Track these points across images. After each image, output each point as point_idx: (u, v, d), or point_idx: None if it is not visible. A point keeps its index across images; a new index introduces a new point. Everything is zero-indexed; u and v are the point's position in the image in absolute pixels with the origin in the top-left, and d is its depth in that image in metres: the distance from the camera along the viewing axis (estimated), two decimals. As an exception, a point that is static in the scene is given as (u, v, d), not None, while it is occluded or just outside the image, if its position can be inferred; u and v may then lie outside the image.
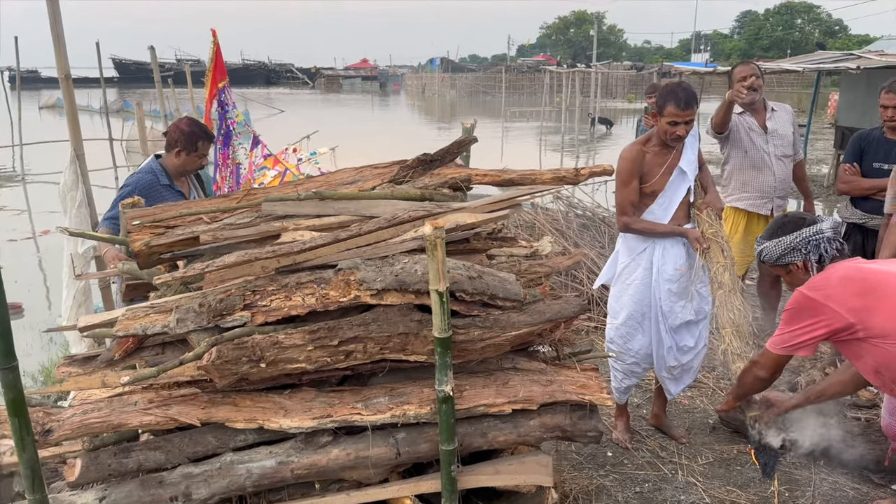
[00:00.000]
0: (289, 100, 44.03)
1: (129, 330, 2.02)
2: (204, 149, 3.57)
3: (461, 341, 2.15)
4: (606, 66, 45.56)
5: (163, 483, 2.05)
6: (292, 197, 2.48)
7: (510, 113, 29.44)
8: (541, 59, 60.83)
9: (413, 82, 64.26)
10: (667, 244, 3.29)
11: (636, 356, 3.45)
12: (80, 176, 3.72)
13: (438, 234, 1.97)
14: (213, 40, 5.00)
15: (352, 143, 13.18)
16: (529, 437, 2.29)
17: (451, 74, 56.72)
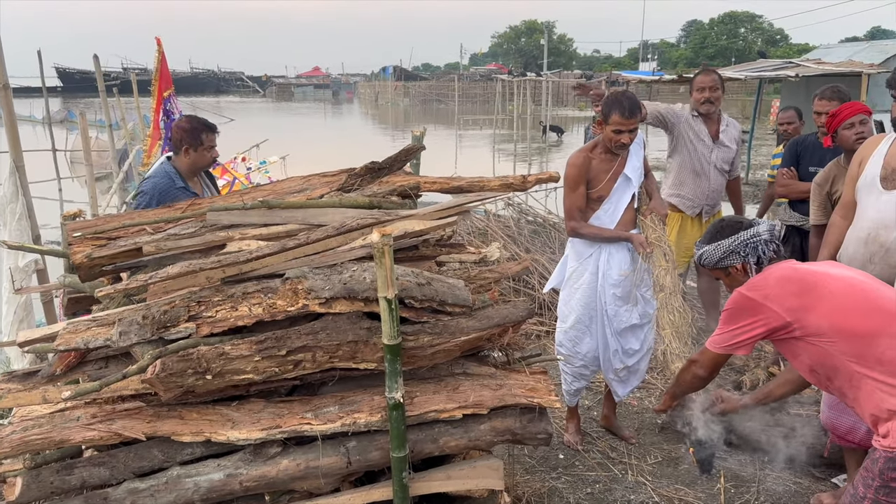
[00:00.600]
0: (239, 108, 43.46)
1: (70, 344, 1.98)
2: (210, 140, 3.53)
3: (411, 348, 2.16)
4: (557, 74, 46.27)
5: (108, 499, 2.00)
6: (238, 206, 2.46)
7: (463, 121, 29.63)
8: (493, 67, 61.44)
9: (366, 90, 64.15)
10: (612, 249, 3.37)
11: (584, 359, 3.51)
12: (19, 188, 3.61)
13: (386, 242, 1.99)
14: (157, 49, 4.93)
15: (303, 152, 13.10)
16: (480, 441, 2.31)
17: (405, 83, 56.83)
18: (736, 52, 66.00)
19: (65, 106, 31.32)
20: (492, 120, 26.69)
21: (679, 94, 35.57)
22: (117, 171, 8.08)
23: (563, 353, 3.52)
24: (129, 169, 8.88)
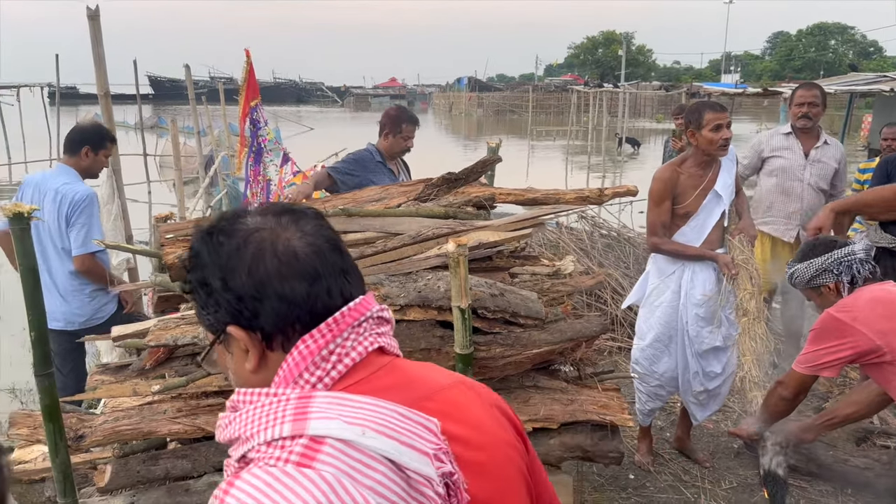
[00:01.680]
0: (318, 118, 44.66)
1: (160, 340, 2.08)
2: (408, 131, 3.92)
3: (482, 358, 2.17)
4: (635, 85, 45.48)
5: (189, 491, 2.09)
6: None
7: (536, 132, 29.51)
8: (568, 78, 60.93)
9: (440, 101, 64.77)
10: (696, 268, 3.27)
11: (661, 379, 3.42)
12: (115, 190, 3.83)
13: (461, 252, 2.01)
14: (246, 60, 5.14)
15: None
16: (550, 456, 2.30)
17: (479, 93, 57.07)
18: (825, 64, 63.31)
19: (155, 112, 32.93)
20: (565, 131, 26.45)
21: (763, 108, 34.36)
22: (203, 176, 8.44)
23: (639, 371, 3.44)
24: (214, 174, 9.27)
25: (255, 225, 0.91)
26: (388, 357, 0.96)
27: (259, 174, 5.33)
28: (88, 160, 3.55)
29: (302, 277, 0.88)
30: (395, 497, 0.79)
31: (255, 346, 0.90)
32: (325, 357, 0.88)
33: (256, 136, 5.26)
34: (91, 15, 3.92)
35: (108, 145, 3.61)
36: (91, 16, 3.92)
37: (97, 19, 3.91)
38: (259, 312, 0.88)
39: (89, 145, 3.54)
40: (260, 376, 0.91)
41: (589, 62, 79.29)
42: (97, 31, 3.90)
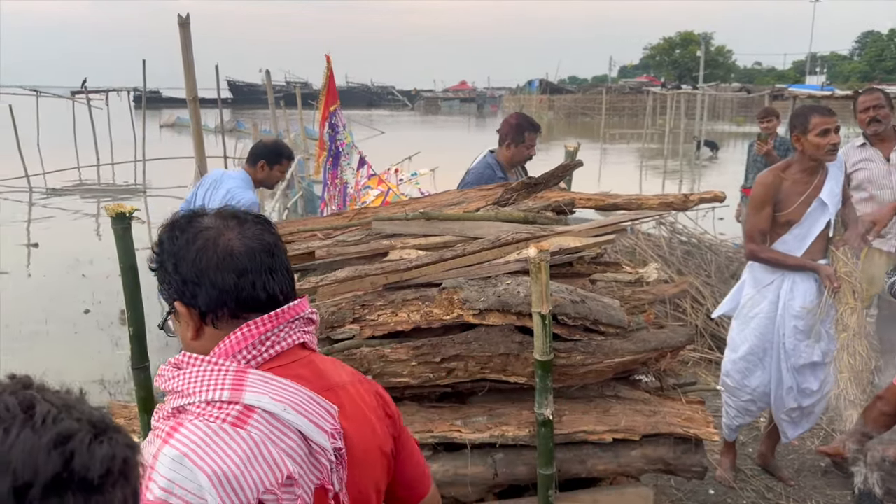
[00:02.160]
0: (389, 121, 45.27)
1: (247, 338, 2.15)
2: (531, 139, 3.87)
3: (562, 365, 2.14)
4: (714, 87, 44.14)
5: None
6: (400, 216, 2.57)
7: (609, 135, 29.02)
8: (644, 80, 59.69)
9: (510, 104, 64.54)
10: (797, 278, 3.12)
11: (753, 393, 3.28)
12: (202, 191, 3.98)
13: (543, 257, 1.99)
14: (326, 65, 5.26)
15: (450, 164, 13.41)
16: (630, 467, 2.25)
17: (550, 96, 56.57)
18: (920, 64, 59.77)
19: (234, 116, 34.07)
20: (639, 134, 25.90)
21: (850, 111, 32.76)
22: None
23: (729, 385, 3.32)
24: (290, 177, 9.52)
25: (206, 225, 1.12)
26: (307, 351, 1.17)
27: (336, 177, 5.44)
28: (263, 173, 3.90)
29: (232, 271, 1.09)
30: (301, 461, 1.04)
31: (193, 319, 1.11)
32: (262, 342, 1.10)
33: (335, 139, 5.37)
34: (181, 22, 4.09)
35: (284, 162, 3.95)
36: (181, 23, 4.09)
37: (187, 27, 4.07)
38: (197, 294, 1.09)
39: (265, 160, 3.88)
40: (198, 343, 1.12)
41: (665, 63, 77.40)
42: (187, 38, 4.06)
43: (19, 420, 0.56)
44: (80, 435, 0.58)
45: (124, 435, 0.62)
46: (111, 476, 0.58)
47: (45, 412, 0.58)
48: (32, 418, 0.57)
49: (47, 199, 15.24)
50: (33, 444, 0.55)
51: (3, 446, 0.53)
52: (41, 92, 22.30)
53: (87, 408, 0.62)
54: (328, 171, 5.37)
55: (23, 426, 0.55)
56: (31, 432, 0.55)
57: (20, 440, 0.54)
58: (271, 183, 4.07)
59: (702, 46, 65.44)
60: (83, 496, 0.56)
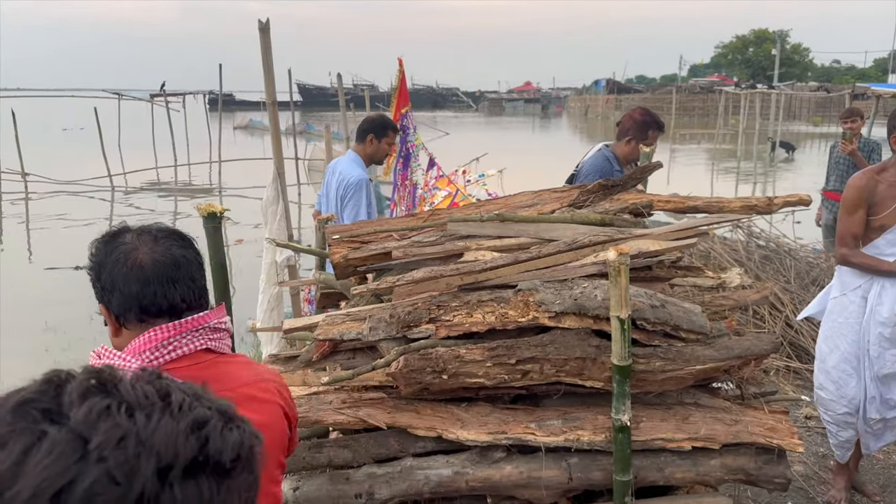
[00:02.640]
0: (453, 122, 45.41)
1: (328, 335, 2.21)
2: (654, 138, 3.81)
3: (641, 371, 2.11)
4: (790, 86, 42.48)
5: (349, 480, 2.19)
6: (475, 218, 2.58)
7: (679, 135, 28.31)
8: (715, 79, 57.98)
9: (576, 104, 63.80)
10: (886, 283, 2.99)
11: (850, 405, 3.11)
12: (279, 192, 4.10)
13: (623, 260, 1.97)
14: (399, 68, 5.32)
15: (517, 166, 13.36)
16: (709, 477, 2.19)
17: (617, 96, 55.63)
18: None
19: (303, 119, 34.85)
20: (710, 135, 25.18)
21: (940, 109, 30.97)
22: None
23: (823, 397, 3.17)
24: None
25: (124, 241, 1.32)
26: (212, 355, 1.33)
27: (406, 178, 5.51)
28: (372, 147, 4.09)
29: (137, 281, 1.28)
30: None
31: (111, 320, 1.33)
32: (164, 346, 1.27)
33: (405, 141, 5.43)
34: (262, 28, 4.21)
35: (390, 134, 4.13)
36: (262, 28, 4.21)
37: (267, 32, 4.19)
38: (111, 299, 1.31)
39: (373, 134, 4.07)
40: (117, 340, 1.33)
41: (738, 62, 74.90)
42: (267, 43, 4.18)
43: (159, 407, 0.59)
44: (213, 421, 0.61)
45: (249, 424, 0.65)
46: (240, 461, 0.61)
47: (180, 400, 0.61)
48: (170, 405, 0.60)
49: (128, 198, 15.96)
50: (173, 428, 0.58)
51: (147, 430, 0.57)
52: (123, 95, 23.37)
53: (213, 397, 0.66)
54: (398, 172, 5.44)
55: (162, 412, 0.59)
56: (170, 418, 0.59)
57: (161, 425, 0.58)
58: (380, 157, 4.21)
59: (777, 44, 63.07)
60: (216, 479, 0.59)
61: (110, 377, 0.60)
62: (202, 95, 28.48)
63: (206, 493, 0.57)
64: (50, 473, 0.53)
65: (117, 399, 0.58)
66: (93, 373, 0.60)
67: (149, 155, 19.32)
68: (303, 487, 2.22)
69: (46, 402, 0.57)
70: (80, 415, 0.56)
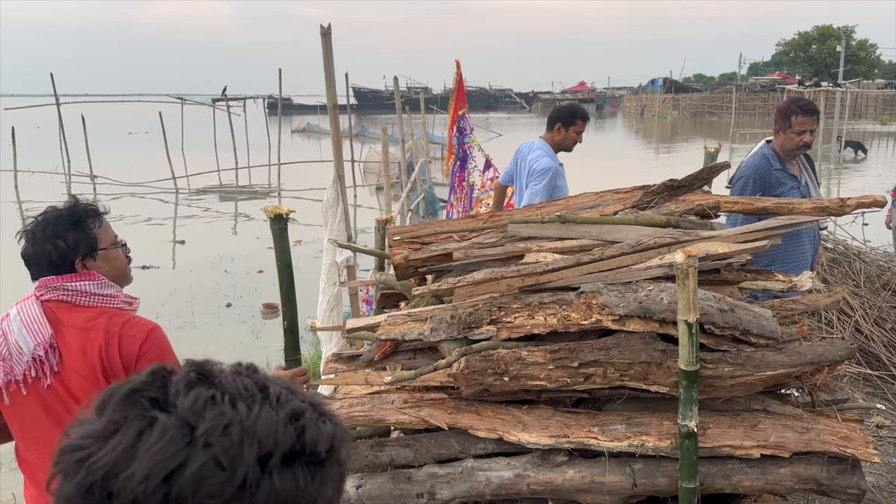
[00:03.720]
0: (506, 123, 45.27)
1: (390, 334, 2.23)
2: (799, 123, 3.56)
3: (708, 376, 2.06)
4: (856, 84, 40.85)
5: (411, 479, 2.21)
6: (536, 220, 2.57)
7: (739, 135, 27.56)
8: (776, 77, 56.20)
9: (631, 104, 62.77)
10: None
11: None
12: (339, 194, 4.16)
13: (691, 263, 1.92)
14: (456, 70, 5.34)
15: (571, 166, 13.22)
16: (779, 486, 2.13)
17: (674, 94, 54.49)
18: None
19: (359, 122, 35.28)
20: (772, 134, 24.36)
21: None
22: (405, 182, 8.91)
23: None
24: (413, 179, 9.76)
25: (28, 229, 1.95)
26: (61, 304, 1.95)
27: (464, 180, 5.52)
28: (560, 135, 4.24)
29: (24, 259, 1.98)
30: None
31: None
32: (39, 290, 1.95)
33: (462, 143, 5.45)
34: (323, 33, 4.29)
35: (578, 122, 4.23)
36: (323, 34, 4.28)
37: (329, 37, 4.27)
38: None
39: (561, 122, 4.21)
40: None
41: (800, 60, 72.37)
42: (328, 49, 4.25)
43: (259, 398, 0.62)
44: (309, 413, 0.63)
45: (340, 418, 0.67)
46: (333, 453, 0.63)
47: (277, 392, 0.64)
48: (269, 397, 0.63)
49: (191, 200, 16.46)
50: (273, 418, 0.60)
51: (249, 419, 0.59)
52: (186, 100, 24.13)
53: (304, 391, 0.68)
54: (455, 174, 5.46)
55: (262, 403, 0.61)
56: (269, 408, 0.61)
57: (262, 415, 0.60)
58: (568, 144, 4.28)
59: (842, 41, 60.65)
60: (310, 468, 0.61)
61: (210, 370, 0.63)
62: (262, 100, 29.17)
63: (301, 481, 0.59)
64: (162, 457, 0.55)
65: (220, 390, 0.61)
66: (195, 366, 0.63)
67: (210, 158, 19.89)
68: (365, 485, 2.24)
69: (154, 392, 0.60)
70: (188, 403, 0.59)
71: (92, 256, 1.97)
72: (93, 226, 1.97)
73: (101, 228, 2.00)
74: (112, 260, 2.02)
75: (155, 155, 19.10)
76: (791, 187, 3.57)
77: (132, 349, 1.93)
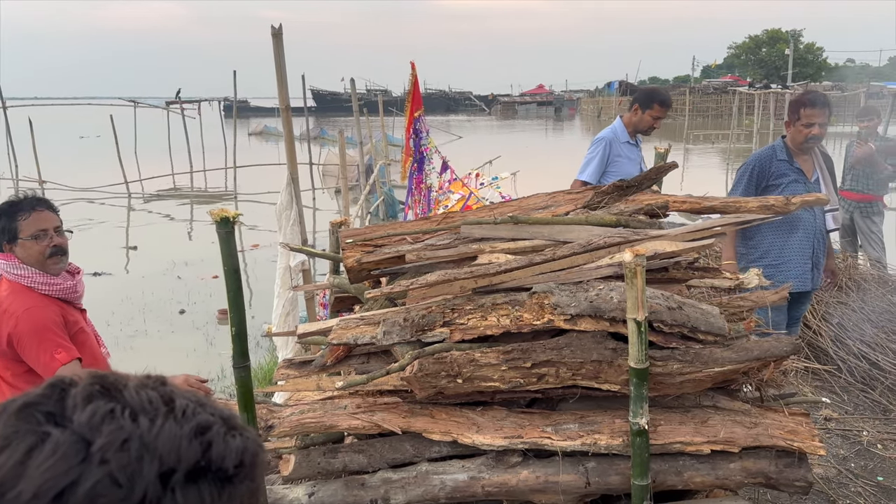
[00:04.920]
0: (466, 126, 45.42)
1: (342, 339, 2.20)
2: (808, 116, 3.53)
3: (658, 374, 2.08)
4: (804, 86, 42.08)
5: (364, 485, 2.18)
6: (489, 221, 2.57)
7: (692, 136, 28.15)
8: (728, 79, 57.56)
9: (588, 106, 63.59)
10: None
11: None
12: (293, 197, 4.10)
13: (639, 262, 1.94)
14: (412, 72, 5.33)
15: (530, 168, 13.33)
16: (729, 480, 2.16)
17: (630, 97, 55.34)
18: None
19: (318, 124, 34.95)
20: (724, 135, 25.00)
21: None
22: (364, 184, 8.85)
23: None
24: (372, 182, 9.70)
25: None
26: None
27: (421, 182, 5.51)
28: (636, 117, 4.26)
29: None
30: None
31: None
32: None
33: (419, 145, 5.43)
34: (274, 33, 4.22)
35: (655, 106, 4.22)
36: (274, 34, 4.22)
37: (280, 37, 4.20)
38: None
39: (639, 104, 4.25)
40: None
41: (751, 62, 74.25)
42: (280, 49, 4.19)
43: (162, 412, 0.59)
44: (216, 427, 0.61)
45: (253, 432, 0.65)
46: (243, 468, 0.61)
47: (184, 405, 0.61)
48: (174, 410, 0.60)
49: (144, 205, 16.10)
50: (176, 433, 0.58)
51: (150, 434, 0.57)
52: (138, 103, 23.60)
53: (216, 404, 0.66)
54: (413, 176, 5.44)
55: (166, 417, 0.59)
56: (174, 422, 0.58)
57: (165, 429, 0.57)
58: (643, 127, 4.29)
59: (790, 44, 62.44)
60: (218, 485, 0.58)
61: (114, 383, 0.60)
62: (217, 102, 28.69)
63: (207, 498, 0.57)
64: (52, 474, 0.52)
65: (121, 403, 0.58)
66: (97, 378, 0.60)
67: (165, 162, 19.48)
68: (318, 493, 2.21)
69: (50, 406, 0.57)
70: (84, 417, 0.56)
71: (13, 242, 2.44)
72: (19, 218, 2.42)
73: (25, 221, 2.43)
74: (27, 248, 2.45)
75: (107, 159, 18.63)
76: (793, 180, 3.52)
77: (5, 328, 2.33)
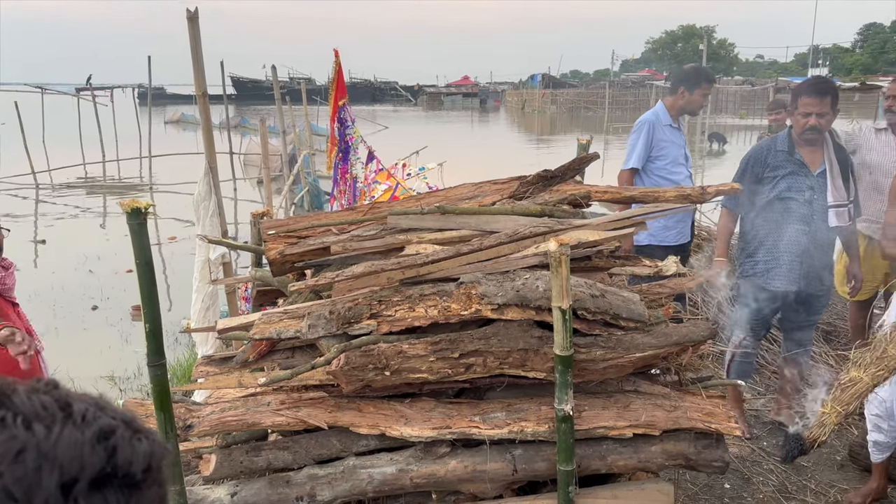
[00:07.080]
0: (393, 116, 45.14)
1: (264, 333, 2.13)
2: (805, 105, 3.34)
3: (582, 360, 2.12)
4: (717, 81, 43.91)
5: (290, 483, 2.13)
6: (416, 211, 2.54)
7: (612, 129, 28.95)
8: (646, 73, 59.43)
9: (513, 99, 64.38)
10: None
11: None
12: (212, 187, 3.95)
13: (563, 251, 1.96)
14: (335, 60, 5.22)
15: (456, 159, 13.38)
16: (650, 463, 2.23)
17: (552, 90, 56.36)
18: (925, 56, 59.45)
19: (238, 112, 33.97)
20: (644, 129, 25.74)
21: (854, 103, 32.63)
22: (288, 174, 8.65)
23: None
24: (296, 172, 9.50)
25: None
26: None
27: (346, 172, 5.42)
28: (683, 99, 4.11)
29: None
30: None
31: None
32: None
33: (344, 134, 5.34)
34: (190, 17, 4.04)
35: (703, 85, 4.08)
36: (190, 17, 4.04)
37: (196, 21, 4.03)
38: None
39: (684, 86, 4.07)
40: None
41: (667, 57, 77.00)
42: (196, 33, 4.02)
43: (60, 417, 0.55)
44: (121, 431, 0.57)
45: (157, 434, 0.61)
46: (151, 473, 0.57)
47: (83, 410, 0.57)
48: (72, 415, 0.55)
49: (53, 196, 15.25)
50: (77, 439, 0.53)
51: (48, 442, 0.52)
52: (46, 89, 22.29)
53: (116, 407, 0.61)
54: (338, 166, 5.35)
55: (64, 423, 0.54)
56: (73, 428, 0.54)
57: (64, 436, 0.53)
58: (693, 108, 4.20)
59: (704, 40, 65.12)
60: (125, 492, 0.55)
61: (1, 389, 0.55)
62: (131, 89, 27.42)
63: None
64: None
65: (12, 410, 0.53)
66: None
67: (75, 151, 18.49)
68: (241, 492, 2.14)
69: None
70: None
71: None
72: None
73: None
74: None
75: (12, 148, 17.54)
76: (790, 172, 3.42)
77: None
